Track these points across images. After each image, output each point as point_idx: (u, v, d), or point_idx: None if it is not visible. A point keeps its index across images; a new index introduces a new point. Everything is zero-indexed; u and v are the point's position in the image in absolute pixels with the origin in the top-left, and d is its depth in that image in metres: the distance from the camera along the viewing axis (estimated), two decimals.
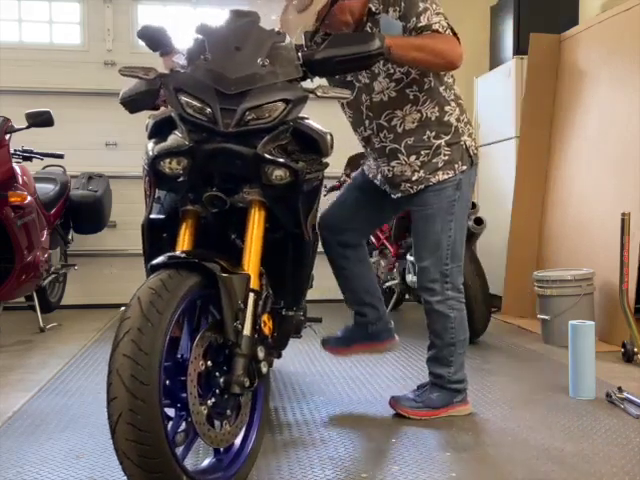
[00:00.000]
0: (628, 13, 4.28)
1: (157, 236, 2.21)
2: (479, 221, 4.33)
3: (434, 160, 2.63)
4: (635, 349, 3.59)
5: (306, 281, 2.38)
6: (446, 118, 2.64)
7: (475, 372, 3.44)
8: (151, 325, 1.71)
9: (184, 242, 2.09)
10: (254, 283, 1.99)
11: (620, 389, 2.91)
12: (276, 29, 2.21)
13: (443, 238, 2.64)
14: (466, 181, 2.68)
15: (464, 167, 2.66)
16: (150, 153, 2.07)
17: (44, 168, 5.05)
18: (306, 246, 2.23)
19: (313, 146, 2.20)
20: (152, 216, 2.19)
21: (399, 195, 2.73)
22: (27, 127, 4.10)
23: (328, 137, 2.27)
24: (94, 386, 3.19)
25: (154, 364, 1.69)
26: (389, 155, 2.68)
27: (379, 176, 2.80)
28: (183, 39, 2.21)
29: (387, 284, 4.92)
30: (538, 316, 4.23)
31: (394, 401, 2.77)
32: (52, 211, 4.66)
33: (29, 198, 4.17)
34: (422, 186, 2.66)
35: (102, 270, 5.66)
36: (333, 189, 5.35)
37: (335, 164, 3.55)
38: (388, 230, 4.83)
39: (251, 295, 1.96)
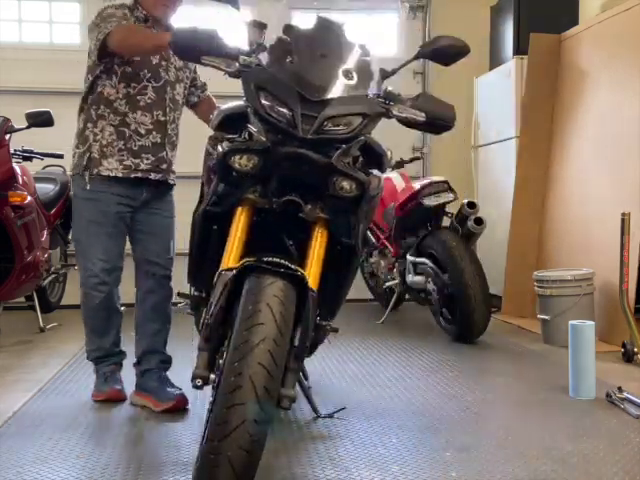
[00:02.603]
0: (628, 13, 4.28)
1: (208, 227, 2.22)
2: (479, 221, 4.33)
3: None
4: (635, 349, 3.59)
5: (346, 294, 2.34)
6: None
7: (475, 372, 3.44)
8: (282, 338, 1.75)
9: (238, 230, 2.07)
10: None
11: (620, 389, 2.91)
12: (362, 43, 2.22)
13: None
14: None
15: None
16: (221, 147, 2.06)
17: (44, 168, 5.04)
18: (355, 260, 2.22)
19: (375, 161, 2.21)
20: (209, 207, 2.18)
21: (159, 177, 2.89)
22: (27, 127, 4.10)
23: (389, 153, 2.27)
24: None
25: (279, 378, 1.74)
26: (172, 143, 2.94)
27: (145, 162, 2.85)
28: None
29: (387, 284, 4.92)
30: (538, 316, 4.23)
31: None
32: (52, 211, 4.66)
33: (29, 198, 4.17)
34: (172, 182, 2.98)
35: None
36: None
37: None
38: (388, 230, 4.83)
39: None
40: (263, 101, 2.02)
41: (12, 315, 4.72)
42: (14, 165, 4.12)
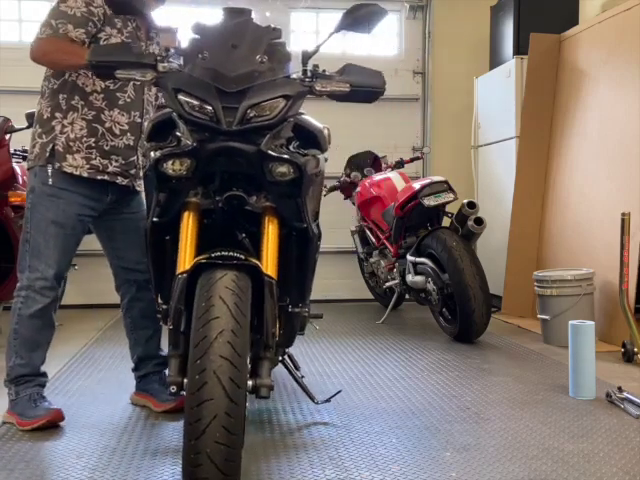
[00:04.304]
0: (628, 13, 4.28)
1: (160, 239, 2.21)
2: (479, 221, 4.33)
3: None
4: (635, 349, 3.59)
5: (311, 277, 2.35)
6: None
7: (475, 372, 3.44)
8: (241, 328, 1.74)
9: (188, 235, 2.07)
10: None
11: (620, 389, 2.91)
12: (272, 26, 2.21)
13: None
14: None
15: None
16: (152, 155, 2.05)
17: None
18: (311, 242, 2.22)
19: (312, 141, 2.21)
20: (155, 219, 2.17)
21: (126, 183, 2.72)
22: (27, 127, 4.08)
23: (325, 131, 2.28)
24: (94, 386, 3.19)
25: (245, 367, 1.73)
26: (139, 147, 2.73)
27: (113, 164, 2.67)
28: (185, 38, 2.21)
29: (387, 284, 4.92)
30: (538, 316, 4.23)
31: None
32: None
33: None
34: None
35: (102, 270, 5.64)
36: (333, 189, 5.35)
37: (335, 164, 3.55)
38: (388, 230, 4.83)
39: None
40: (182, 101, 2.02)
41: None
42: (14, 165, 4.12)
